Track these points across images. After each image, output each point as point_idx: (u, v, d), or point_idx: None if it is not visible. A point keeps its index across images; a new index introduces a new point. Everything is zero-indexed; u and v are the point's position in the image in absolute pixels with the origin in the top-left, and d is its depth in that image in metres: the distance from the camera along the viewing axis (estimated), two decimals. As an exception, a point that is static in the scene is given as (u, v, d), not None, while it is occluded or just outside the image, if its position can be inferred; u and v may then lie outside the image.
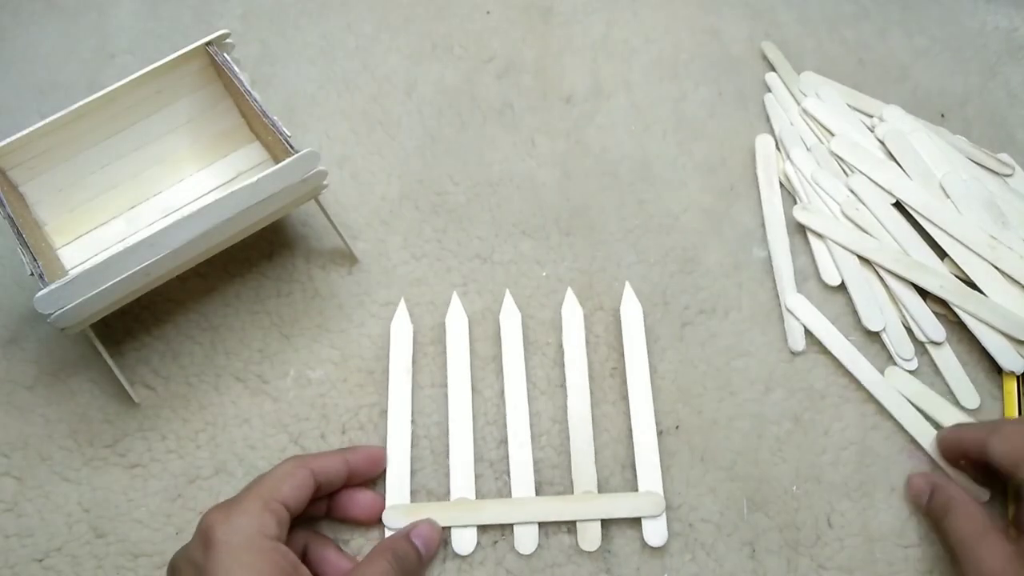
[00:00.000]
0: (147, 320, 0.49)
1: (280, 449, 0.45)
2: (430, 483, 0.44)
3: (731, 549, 0.43)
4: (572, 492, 0.43)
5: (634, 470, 0.44)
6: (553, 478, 0.44)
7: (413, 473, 0.44)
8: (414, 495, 0.44)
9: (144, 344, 0.48)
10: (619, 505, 0.43)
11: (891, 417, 0.46)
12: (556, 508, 0.43)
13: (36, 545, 0.42)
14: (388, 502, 0.43)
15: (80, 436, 0.45)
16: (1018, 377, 0.48)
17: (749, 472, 0.45)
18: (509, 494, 0.44)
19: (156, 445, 0.45)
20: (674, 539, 0.43)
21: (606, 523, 0.43)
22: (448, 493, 0.43)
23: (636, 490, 0.43)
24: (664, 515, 0.42)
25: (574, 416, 0.45)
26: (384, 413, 0.46)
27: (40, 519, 0.43)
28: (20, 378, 0.47)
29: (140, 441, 0.45)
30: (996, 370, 0.48)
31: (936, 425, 0.46)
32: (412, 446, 0.45)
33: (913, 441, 0.46)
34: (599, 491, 0.43)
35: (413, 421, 0.46)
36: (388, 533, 0.42)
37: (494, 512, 0.43)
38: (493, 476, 0.44)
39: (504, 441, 0.45)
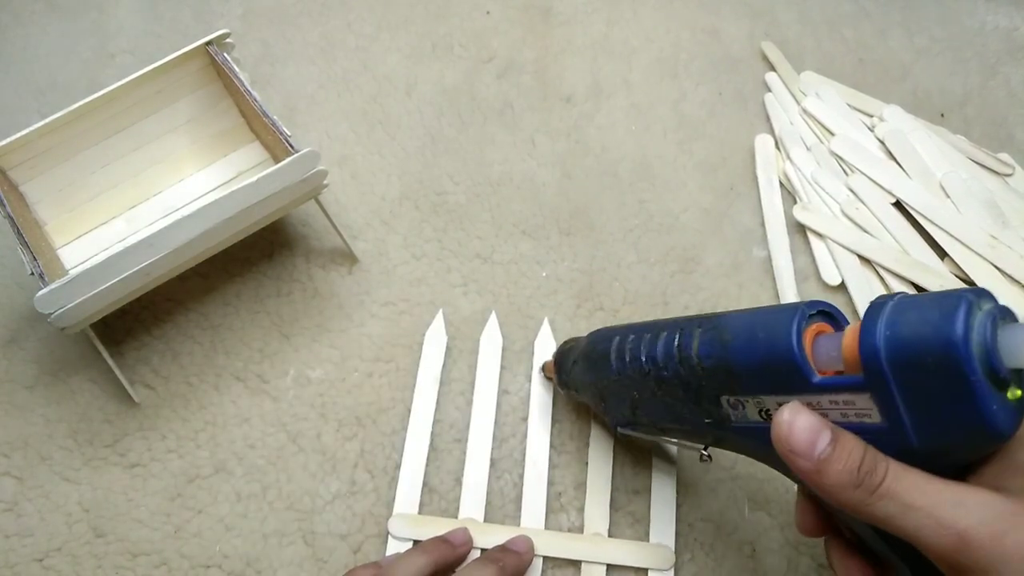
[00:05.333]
0: (147, 320, 0.49)
1: (279, 448, 0.45)
2: (440, 495, 0.44)
3: (731, 548, 0.43)
4: (582, 530, 0.43)
5: (648, 519, 0.43)
6: (565, 505, 0.44)
7: (425, 483, 0.44)
8: (422, 506, 0.43)
9: (144, 344, 0.48)
10: (628, 553, 0.42)
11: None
12: (563, 545, 0.42)
13: (36, 545, 0.42)
14: (396, 510, 0.43)
15: (80, 436, 0.45)
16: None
17: (750, 471, 0.45)
18: (519, 520, 0.43)
19: (156, 445, 0.45)
20: (675, 539, 0.43)
21: (611, 567, 0.42)
22: (457, 510, 0.43)
23: (647, 534, 0.43)
24: (672, 571, 0.41)
25: (594, 456, 0.44)
26: (383, 412, 0.46)
27: (40, 519, 0.43)
28: (20, 378, 0.47)
29: (140, 441, 0.45)
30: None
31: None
32: (428, 459, 0.45)
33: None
34: (609, 534, 0.43)
35: (433, 432, 0.45)
36: (391, 540, 0.42)
37: (501, 539, 0.42)
38: (504, 499, 0.44)
39: (520, 463, 0.45)
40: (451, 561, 0.40)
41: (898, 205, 0.53)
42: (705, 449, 0.36)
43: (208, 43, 0.47)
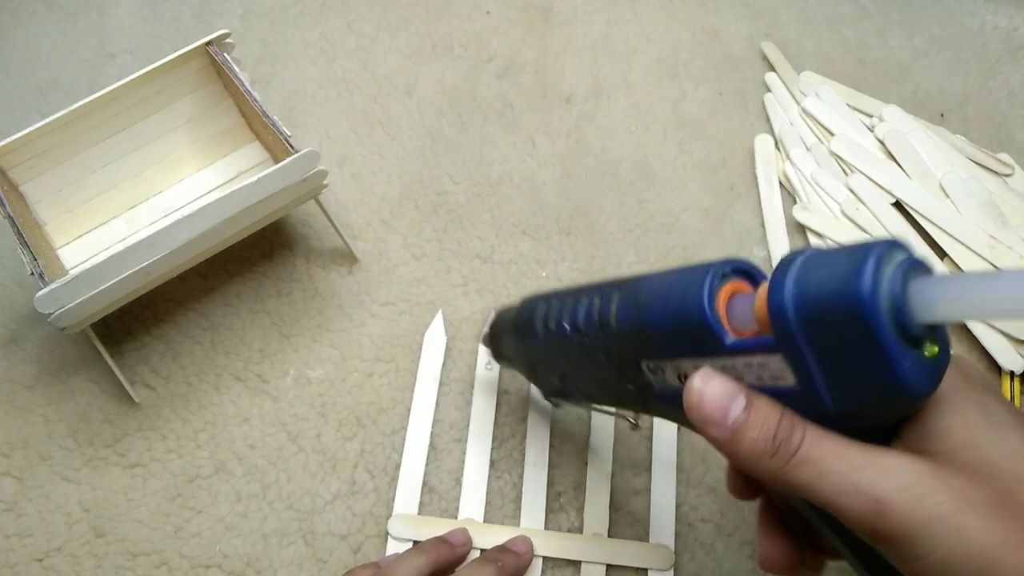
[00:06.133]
0: (147, 320, 0.49)
1: (279, 448, 0.45)
2: (440, 495, 0.44)
3: (731, 549, 0.43)
4: (582, 530, 0.43)
5: (648, 519, 0.43)
6: (564, 505, 0.44)
7: (424, 483, 0.44)
8: (422, 506, 0.44)
9: (144, 344, 0.48)
10: (628, 553, 0.42)
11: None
12: (563, 545, 0.42)
13: (36, 545, 0.42)
14: (395, 510, 0.43)
15: (80, 436, 0.45)
16: (1017, 376, 0.48)
17: (749, 472, 0.45)
18: (518, 520, 0.43)
19: (156, 445, 0.45)
20: (674, 539, 0.43)
21: (611, 567, 0.42)
22: (457, 510, 0.43)
23: (647, 535, 0.43)
24: (672, 571, 0.42)
25: (593, 456, 0.44)
26: (383, 412, 0.46)
27: (40, 519, 0.43)
28: (20, 378, 0.47)
29: (140, 441, 0.45)
30: (996, 369, 0.48)
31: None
32: (427, 460, 0.45)
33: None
34: (608, 534, 0.43)
35: (433, 432, 0.45)
36: (391, 541, 0.42)
37: (501, 539, 0.42)
38: (503, 499, 0.44)
39: (520, 463, 0.45)
40: (450, 561, 0.40)
41: (898, 205, 0.53)
42: (635, 418, 0.35)
43: (208, 43, 0.47)
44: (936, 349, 0.23)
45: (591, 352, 0.33)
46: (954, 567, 0.22)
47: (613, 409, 0.37)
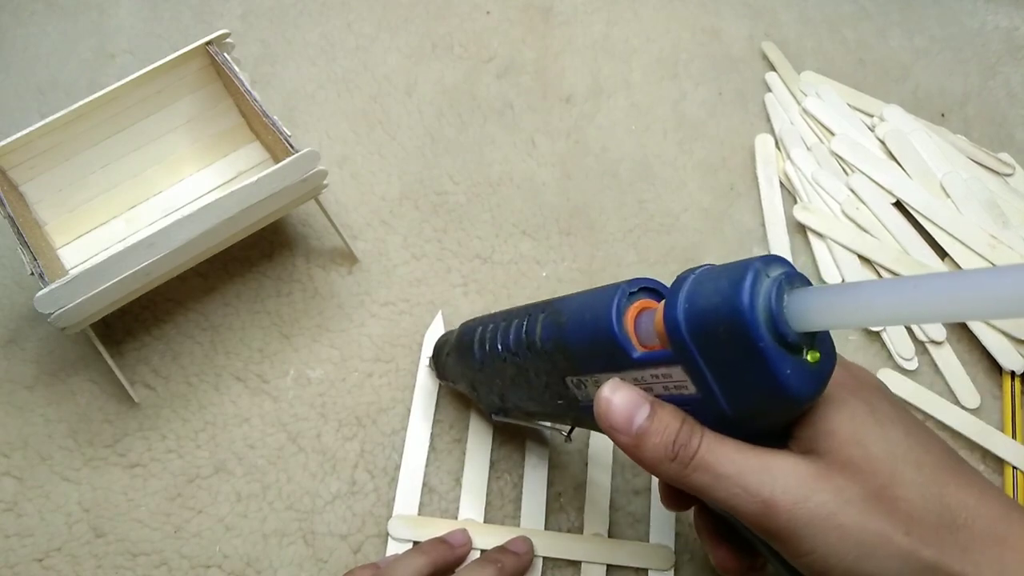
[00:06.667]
0: (147, 320, 0.49)
1: (279, 448, 0.45)
2: (440, 496, 0.44)
3: (731, 549, 0.43)
4: (582, 530, 0.43)
5: (648, 519, 0.43)
6: (564, 506, 0.44)
7: (424, 483, 0.44)
8: (422, 507, 0.44)
9: (144, 344, 0.48)
10: (628, 554, 0.42)
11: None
12: (563, 546, 0.42)
13: (36, 545, 0.42)
14: (395, 510, 0.43)
15: (80, 436, 0.45)
16: (1018, 376, 0.48)
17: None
18: (518, 520, 0.43)
19: (156, 445, 0.45)
20: (674, 539, 0.43)
21: (611, 567, 0.42)
22: (457, 511, 0.43)
23: (647, 535, 0.43)
24: (672, 571, 0.42)
25: (593, 456, 0.44)
26: (383, 412, 0.46)
27: (40, 519, 0.43)
28: (20, 378, 0.47)
29: (140, 441, 0.45)
30: (996, 369, 0.48)
31: (937, 425, 0.46)
32: (427, 460, 0.45)
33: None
34: (609, 534, 0.43)
35: (433, 432, 0.45)
36: (391, 541, 0.42)
37: (501, 539, 0.42)
38: (503, 499, 0.44)
39: (520, 463, 0.45)
40: (450, 562, 0.40)
41: (898, 205, 0.53)
42: (570, 431, 0.37)
43: (208, 43, 0.47)
44: (818, 355, 0.24)
45: (523, 371, 0.35)
46: (834, 562, 0.24)
47: (543, 424, 0.39)
